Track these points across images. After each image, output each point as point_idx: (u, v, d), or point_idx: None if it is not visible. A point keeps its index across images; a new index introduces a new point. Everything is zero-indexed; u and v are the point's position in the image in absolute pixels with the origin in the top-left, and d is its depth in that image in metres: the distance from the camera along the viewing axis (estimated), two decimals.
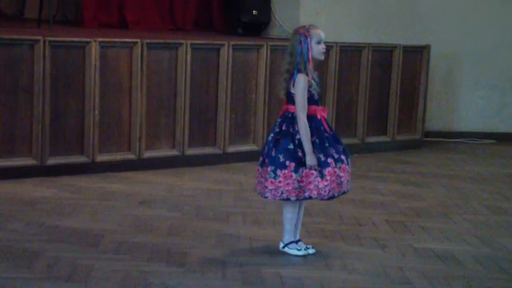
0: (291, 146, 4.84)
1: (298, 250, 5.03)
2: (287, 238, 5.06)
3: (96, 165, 7.15)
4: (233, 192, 6.71)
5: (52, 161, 6.94)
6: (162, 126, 7.51)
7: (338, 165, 4.87)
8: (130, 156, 7.34)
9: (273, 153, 4.88)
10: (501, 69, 9.86)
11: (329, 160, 4.84)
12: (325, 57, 5.21)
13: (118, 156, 7.29)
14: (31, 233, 5.30)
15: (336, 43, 8.37)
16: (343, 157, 4.90)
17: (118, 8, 9.61)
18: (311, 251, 5.08)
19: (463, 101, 9.92)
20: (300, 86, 4.81)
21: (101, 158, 7.18)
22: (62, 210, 5.92)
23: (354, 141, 8.60)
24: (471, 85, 9.90)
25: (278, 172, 4.84)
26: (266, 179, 4.90)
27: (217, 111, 7.78)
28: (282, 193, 4.87)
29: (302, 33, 4.85)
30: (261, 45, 7.97)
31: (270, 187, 4.88)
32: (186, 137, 7.60)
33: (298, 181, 4.84)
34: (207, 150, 7.79)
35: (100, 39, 7.06)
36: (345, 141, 5.18)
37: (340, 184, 4.90)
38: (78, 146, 7.08)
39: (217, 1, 10.03)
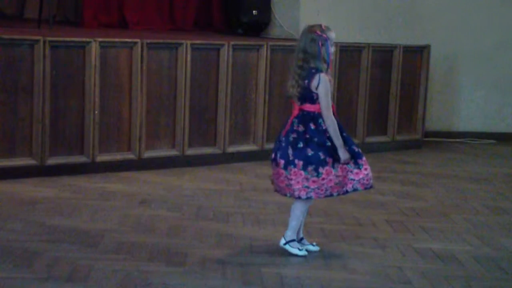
0: (328, 143, 4.88)
1: (300, 249, 5.03)
2: (290, 235, 5.04)
3: (96, 165, 7.15)
4: (233, 192, 6.71)
5: (52, 161, 6.94)
6: (162, 126, 7.51)
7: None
8: (130, 156, 7.34)
9: (309, 152, 4.87)
10: (501, 69, 9.86)
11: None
12: None
13: (118, 156, 7.29)
14: (31, 233, 5.30)
15: (336, 43, 8.33)
16: (360, 150, 5.00)
17: (118, 8, 9.61)
18: (314, 248, 5.10)
19: (463, 101, 9.92)
20: (327, 86, 4.85)
21: (101, 158, 7.18)
22: (62, 210, 5.92)
23: (354, 141, 8.57)
24: (471, 85, 9.90)
25: (320, 170, 4.87)
26: (306, 179, 4.88)
27: (217, 111, 7.78)
28: (326, 190, 4.91)
29: (320, 35, 4.86)
30: (261, 45, 7.97)
31: (313, 186, 4.89)
32: (186, 137, 7.60)
33: (337, 176, 4.90)
34: (207, 150, 7.79)
35: (100, 39, 7.06)
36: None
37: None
38: (78, 146, 7.08)
39: (217, 1, 10.03)
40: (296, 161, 4.88)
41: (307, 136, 4.88)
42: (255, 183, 7.01)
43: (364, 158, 4.97)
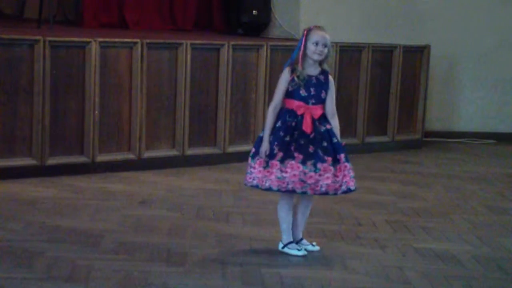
0: (287, 139, 4.89)
1: (299, 250, 5.03)
2: (285, 238, 5.06)
3: (96, 165, 7.15)
4: (233, 192, 6.71)
5: (52, 161, 6.94)
6: (162, 126, 7.51)
7: (306, 167, 4.86)
8: (130, 156, 7.34)
9: (259, 142, 4.98)
10: (501, 69, 9.86)
11: (280, 153, 4.86)
12: None
13: (118, 156, 7.29)
14: (31, 233, 5.30)
15: (336, 43, 8.37)
16: (309, 163, 4.86)
17: (118, 8, 9.60)
18: (314, 248, 5.10)
19: (463, 101, 9.92)
20: (280, 78, 4.94)
21: (101, 158, 7.18)
22: (62, 210, 5.92)
23: (354, 141, 8.60)
24: (471, 85, 9.90)
25: (271, 161, 4.91)
26: (249, 166, 4.97)
27: (217, 111, 7.78)
28: (287, 184, 4.90)
29: (303, 32, 4.92)
30: (261, 45, 7.97)
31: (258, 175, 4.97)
32: (186, 137, 7.60)
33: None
34: (207, 150, 7.79)
35: (100, 39, 7.06)
36: (345, 141, 5.16)
37: (302, 180, 4.86)
38: (78, 146, 7.08)
39: (217, 1, 10.03)
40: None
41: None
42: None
43: (273, 161, 4.86)
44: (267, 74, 7.97)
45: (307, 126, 4.88)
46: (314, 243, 5.15)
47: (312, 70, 4.94)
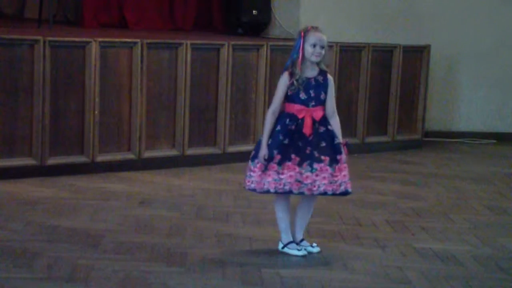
0: (285, 142, 4.90)
1: (298, 250, 5.03)
2: (285, 238, 5.06)
3: (96, 165, 7.15)
4: (233, 192, 6.71)
5: (52, 161, 6.95)
6: (162, 126, 7.51)
7: (302, 168, 4.86)
8: (130, 156, 7.34)
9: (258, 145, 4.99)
10: (501, 69, 9.86)
11: (278, 156, 4.86)
12: None
13: (118, 156, 7.29)
14: (31, 233, 5.30)
15: (336, 43, 8.37)
16: (305, 165, 4.86)
17: (118, 8, 9.61)
18: (314, 249, 5.10)
19: (463, 101, 9.92)
20: (279, 82, 4.93)
21: (101, 158, 7.18)
22: (62, 210, 5.92)
23: (354, 141, 8.59)
24: (471, 85, 9.90)
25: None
26: (249, 169, 4.98)
27: (217, 111, 7.78)
28: (284, 185, 4.91)
29: (300, 34, 4.90)
30: (261, 45, 7.97)
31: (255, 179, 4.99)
32: (186, 137, 7.60)
33: (278, 173, 4.89)
34: (207, 150, 7.79)
35: (100, 39, 7.06)
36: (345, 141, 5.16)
37: (299, 181, 4.87)
38: (78, 146, 7.08)
39: (217, 1, 10.03)
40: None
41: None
42: None
43: (271, 164, 4.87)
44: (267, 74, 7.97)
45: (307, 129, 4.88)
46: (314, 244, 5.14)
47: (311, 72, 4.93)
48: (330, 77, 4.99)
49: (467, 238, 5.62)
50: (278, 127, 4.90)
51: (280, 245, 5.08)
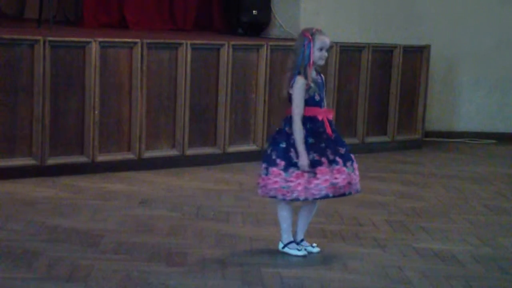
0: (283, 145, 4.87)
1: (299, 250, 5.03)
2: (286, 237, 5.06)
3: (96, 165, 7.15)
4: (233, 192, 6.71)
5: (52, 161, 6.95)
6: (162, 126, 7.51)
7: (332, 166, 4.87)
8: (130, 156, 7.34)
9: (268, 151, 4.92)
10: (501, 69, 9.86)
11: (323, 159, 4.85)
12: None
13: (118, 156, 7.29)
14: (31, 233, 5.30)
15: (336, 43, 8.37)
16: (338, 159, 4.88)
17: (118, 8, 9.61)
18: (314, 249, 5.10)
19: (463, 101, 9.92)
20: (297, 88, 4.85)
21: (101, 158, 7.18)
22: (62, 210, 5.92)
23: (354, 141, 8.59)
24: (471, 85, 9.90)
25: (269, 169, 4.88)
26: (259, 176, 4.93)
27: (217, 111, 7.78)
28: (270, 190, 4.89)
29: (307, 37, 4.87)
30: (261, 45, 7.97)
31: (261, 184, 4.93)
32: (186, 137, 7.60)
33: (286, 181, 4.85)
34: (207, 150, 7.79)
35: (100, 39, 7.06)
36: (345, 141, 5.17)
37: (334, 184, 4.89)
38: (78, 146, 7.08)
39: (217, 1, 10.03)
40: (269, 161, 4.91)
41: (279, 138, 4.91)
42: (255, 183, 6.98)
43: (320, 168, 4.84)
44: (267, 74, 7.97)
45: (329, 129, 4.91)
46: (314, 244, 5.14)
47: (314, 74, 4.95)
48: (322, 76, 5.03)
49: (467, 238, 5.62)
50: (304, 132, 4.88)
51: (281, 245, 5.07)
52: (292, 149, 4.85)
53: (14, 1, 9.97)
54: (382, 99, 8.89)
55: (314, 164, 4.83)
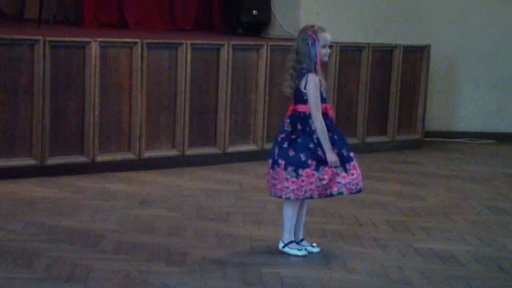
0: (311, 145, 4.87)
1: (299, 250, 5.03)
2: (287, 237, 5.06)
3: (96, 165, 7.15)
4: (233, 192, 6.71)
5: (52, 161, 6.94)
6: (162, 126, 7.51)
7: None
8: (130, 156, 7.34)
9: (290, 153, 4.89)
10: (501, 69, 9.87)
11: (351, 154, 4.93)
12: None
13: (118, 156, 7.29)
14: (31, 233, 5.30)
15: (336, 43, 8.37)
16: (352, 155, 4.96)
17: (118, 8, 9.60)
18: (314, 249, 5.10)
19: (463, 101, 9.92)
20: (313, 86, 4.87)
21: (101, 158, 7.18)
22: (62, 210, 5.92)
23: (354, 141, 8.59)
24: (471, 85, 9.90)
25: (300, 171, 4.86)
26: (285, 179, 4.88)
27: (217, 111, 7.78)
28: (305, 192, 4.89)
29: (310, 36, 4.88)
30: (261, 45, 7.97)
31: (292, 187, 4.89)
32: (186, 137, 7.60)
33: (320, 179, 4.87)
34: (207, 150, 7.79)
35: (100, 39, 7.06)
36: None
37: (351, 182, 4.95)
38: (78, 146, 7.08)
39: (217, 1, 10.02)
40: (279, 161, 4.91)
41: (293, 136, 4.91)
42: (255, 183, 7.01)
43: (353, 163, 4.92)
44: (267, 74, 7.97)
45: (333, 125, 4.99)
46: (314, 244, 5.15)
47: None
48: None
49: (467, 238, 5.62)
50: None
51: (281, 244, 5.07)
52: (318, 148, 4.87)
53: (14, 1, 9.97)
54: (382, 99, 8.89)
55: (346, 160, 4.90)
